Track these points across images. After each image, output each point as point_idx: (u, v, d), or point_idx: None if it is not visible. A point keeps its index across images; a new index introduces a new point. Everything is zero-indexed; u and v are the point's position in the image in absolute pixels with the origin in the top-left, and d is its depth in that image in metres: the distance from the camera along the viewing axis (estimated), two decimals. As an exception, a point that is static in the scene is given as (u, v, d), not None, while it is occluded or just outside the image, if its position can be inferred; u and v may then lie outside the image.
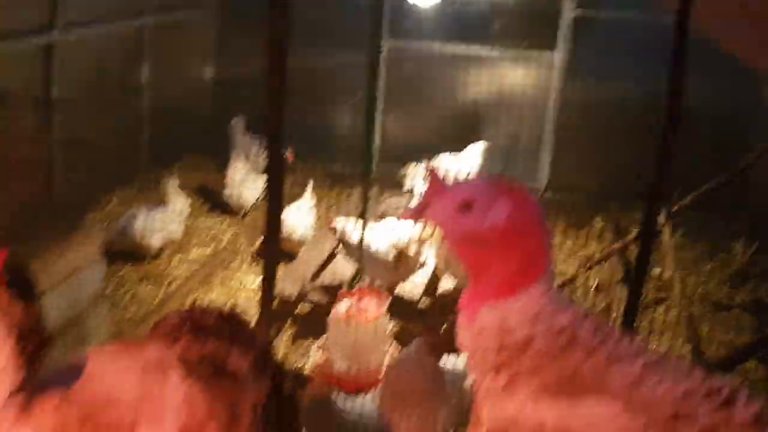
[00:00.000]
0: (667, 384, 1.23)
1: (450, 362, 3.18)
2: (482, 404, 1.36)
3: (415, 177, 5.57)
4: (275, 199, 3.18)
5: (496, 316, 1.32)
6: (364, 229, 4.29)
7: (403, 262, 4.35)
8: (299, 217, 5.29)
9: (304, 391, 2.92)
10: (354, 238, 4.36)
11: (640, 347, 1.32)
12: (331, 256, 4.90)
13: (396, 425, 2.95)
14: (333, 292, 4.35)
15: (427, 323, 4.12)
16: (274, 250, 3.27)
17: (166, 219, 5.14)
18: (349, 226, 4.40)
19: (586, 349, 1.28)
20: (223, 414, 1.44)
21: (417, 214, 1.38)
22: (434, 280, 4.68)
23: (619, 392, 1.24)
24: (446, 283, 4.62)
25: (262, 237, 2.95)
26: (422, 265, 4.58)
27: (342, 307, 3.84)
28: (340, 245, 4.64)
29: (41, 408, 1.24)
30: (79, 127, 4.46)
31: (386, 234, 4.36)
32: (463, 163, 5.57)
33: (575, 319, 1.30)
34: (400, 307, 4.29)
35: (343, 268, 4.74)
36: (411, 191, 5.59)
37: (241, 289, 4.86)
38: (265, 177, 5.84)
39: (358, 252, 4.37)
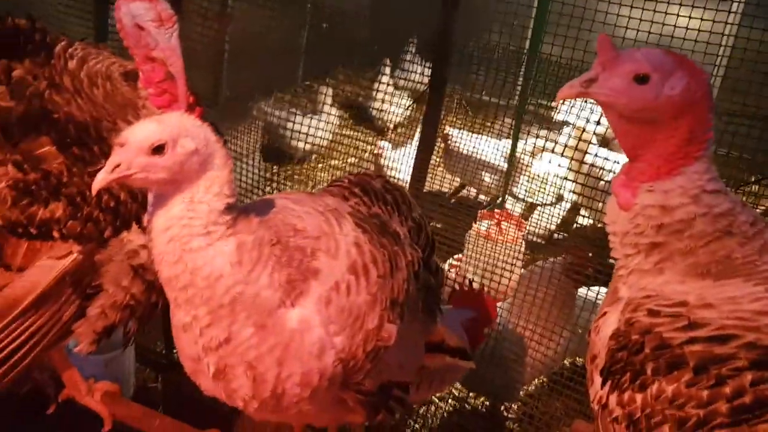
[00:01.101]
0: None
1: (583, 290, 3.21)
2: (624, 281, 1.39)
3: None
4: (434, 113, 3.27)
5: (657, 196, 1.31)
6: (512, 153, 4.37)
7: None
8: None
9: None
10: (463, 148, 4.45)
11: None
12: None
13: (520, 332, 3.05)
14: (470, 212, 4.45)
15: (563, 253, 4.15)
16: (427, 160, 3.40)
17: (316, 126, 5.40)
18: (460, 136, 4.49)
19: (743, 236, 1.28)
20: (384, 263, 1.59)
21: (584, 84, 1.28)
22: (571, 214, 4.67)
23: (766, 276, 1.25)
24: (583, 219, 4.60)
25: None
26: (560, 198, 4.57)
27: (482, 225, 3.94)
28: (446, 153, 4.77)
29: (244, 227, 1.43)
30: (248, 33, 4.74)
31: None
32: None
33: (734, 206, 1.30)
34: (535, 236, 4.33)
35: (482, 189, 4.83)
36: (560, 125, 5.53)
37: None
38: (408, 96, 6.00)
39: (464, 162, 4.53)
